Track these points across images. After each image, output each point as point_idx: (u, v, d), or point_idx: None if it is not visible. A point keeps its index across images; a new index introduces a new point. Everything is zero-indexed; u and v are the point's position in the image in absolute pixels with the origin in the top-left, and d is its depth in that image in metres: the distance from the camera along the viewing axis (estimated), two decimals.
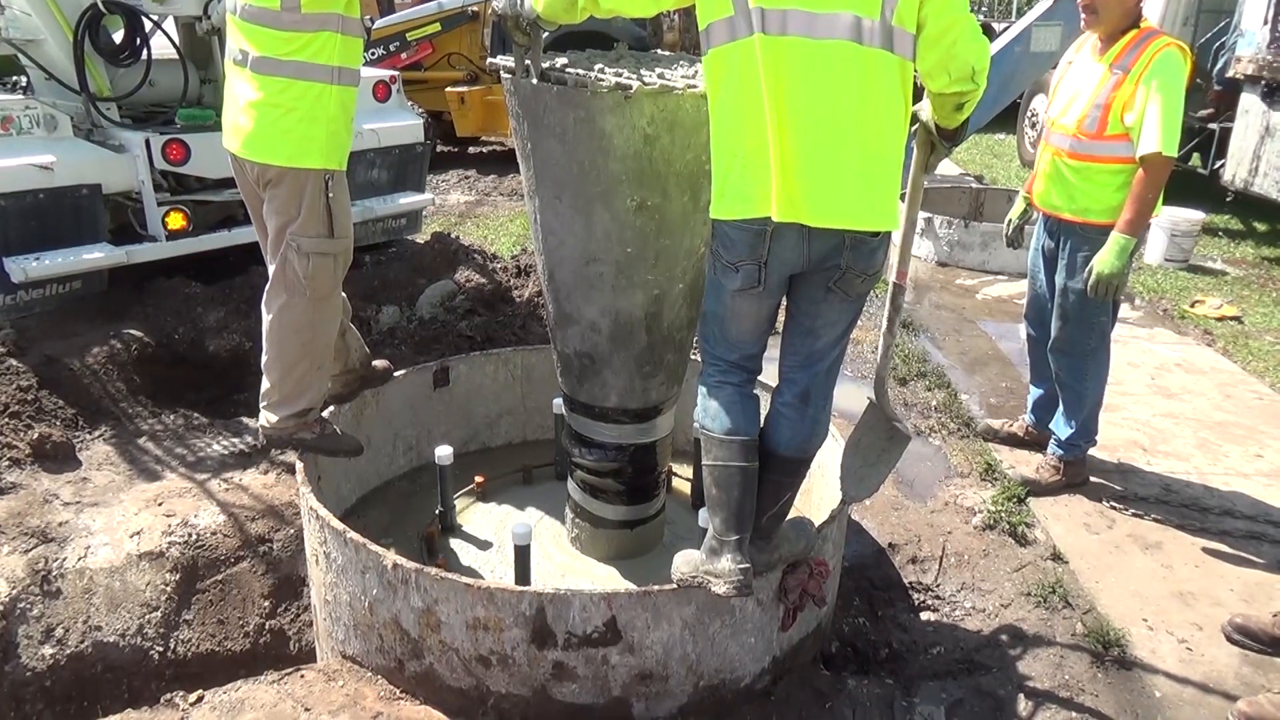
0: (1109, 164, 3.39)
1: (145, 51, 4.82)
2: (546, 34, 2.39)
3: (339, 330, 3.21)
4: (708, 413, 2.37)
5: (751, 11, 2.02)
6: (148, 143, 4.59)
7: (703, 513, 2.57)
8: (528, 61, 2.38)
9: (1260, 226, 8.36)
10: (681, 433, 3.56)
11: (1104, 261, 3.33)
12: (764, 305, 2.29)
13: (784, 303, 2.35)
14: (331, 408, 3.31)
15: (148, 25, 4.80)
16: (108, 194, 4.58)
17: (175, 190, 4.82)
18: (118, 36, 4.87)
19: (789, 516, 2.57)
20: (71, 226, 4.47)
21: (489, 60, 5.21)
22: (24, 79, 5.23)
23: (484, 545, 3.15)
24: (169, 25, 5.00)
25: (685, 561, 2.42)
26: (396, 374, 3.62)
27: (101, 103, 4.77)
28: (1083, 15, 3.44)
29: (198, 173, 4.78)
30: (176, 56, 5.07)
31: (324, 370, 3.12)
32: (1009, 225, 3.95)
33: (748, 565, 2.33)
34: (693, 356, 2.84)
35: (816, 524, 2.67)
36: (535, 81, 2.38)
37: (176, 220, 4.70)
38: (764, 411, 2.44)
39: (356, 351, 3.42)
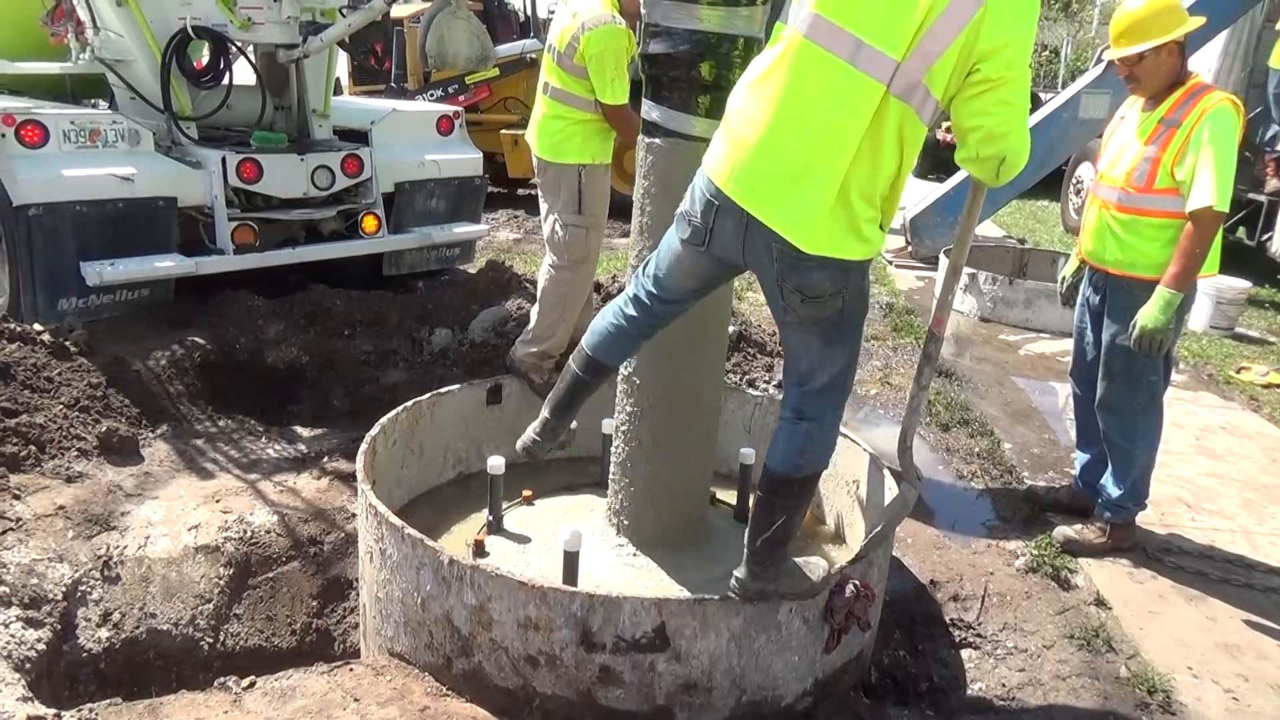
0: (1157, 218, 3.36)
1: (227, 76, 5.07)
2: None
3: (586, 302, 4.07)
4: (593, 327, 2.65)
5: (809, 15, 2.13)
6: (224, 161, 4.79)
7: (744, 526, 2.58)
8: None
9: None
10: (724, 463, 3.60)
11: (1148, 315, 3.27)
12: (700, 265, 2.41)
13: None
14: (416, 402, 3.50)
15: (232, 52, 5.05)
16: (182, 207, 4.78)
17: (244, 208, 5.02)
18: (199, 62, 5.13)
19: (808, 558, 2.58)
20: (146, 236, 4.67)
21: None
22: (100, 101, 5.46)
23: (528, 548, 3.17)
24: (250, 53, 5.25)
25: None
26: (451, 388, 3.72)
27: (183, 121, 5.00)
28: (1127, 84, 3.51)
29: (267, 191, 4.98)
30: (254, 83, 5.31)
31: (568, 325, 3.93)
32: (1063, 283, 3.87)
33: (539, 440, 2.74)
34: None
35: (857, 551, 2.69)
36: None
37: (245, 236, 4.89)
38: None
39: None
